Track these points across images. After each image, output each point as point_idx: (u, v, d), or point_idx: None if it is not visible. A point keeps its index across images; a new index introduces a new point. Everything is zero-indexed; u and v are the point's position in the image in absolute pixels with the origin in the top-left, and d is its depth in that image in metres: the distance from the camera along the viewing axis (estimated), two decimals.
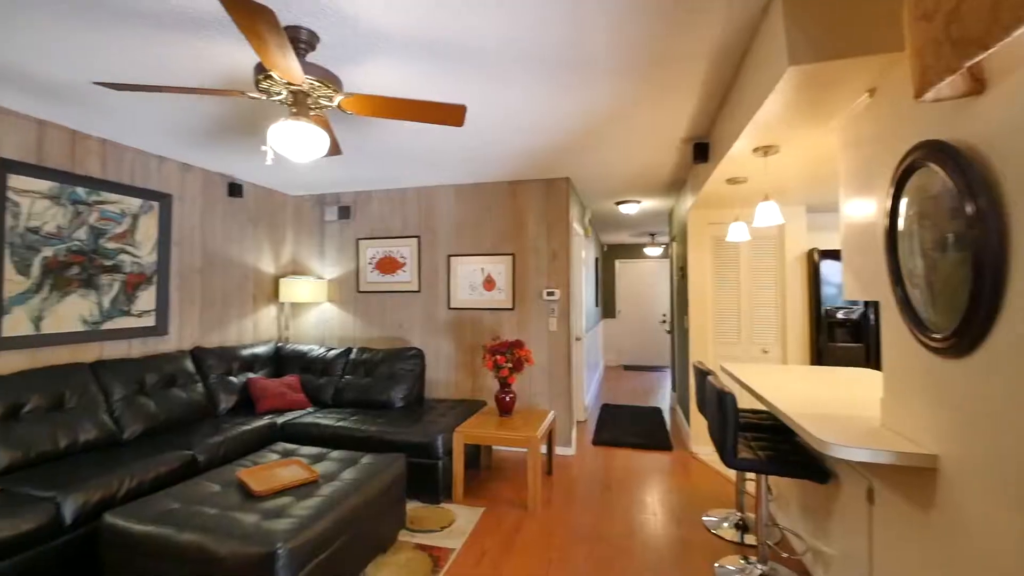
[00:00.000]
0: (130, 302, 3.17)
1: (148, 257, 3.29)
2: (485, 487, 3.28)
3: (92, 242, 2.96)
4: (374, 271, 4.38)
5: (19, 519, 1.89)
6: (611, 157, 3.43)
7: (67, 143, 2.86)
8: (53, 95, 2.40)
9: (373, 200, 4.43)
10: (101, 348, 3.02)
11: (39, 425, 2.43)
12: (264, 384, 3.57)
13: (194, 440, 2.79)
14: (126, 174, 3.18)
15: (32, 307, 2.66)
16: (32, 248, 2.67)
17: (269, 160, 1.97)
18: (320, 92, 1.89)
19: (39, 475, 2.24)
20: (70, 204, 2.84)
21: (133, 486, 2.30)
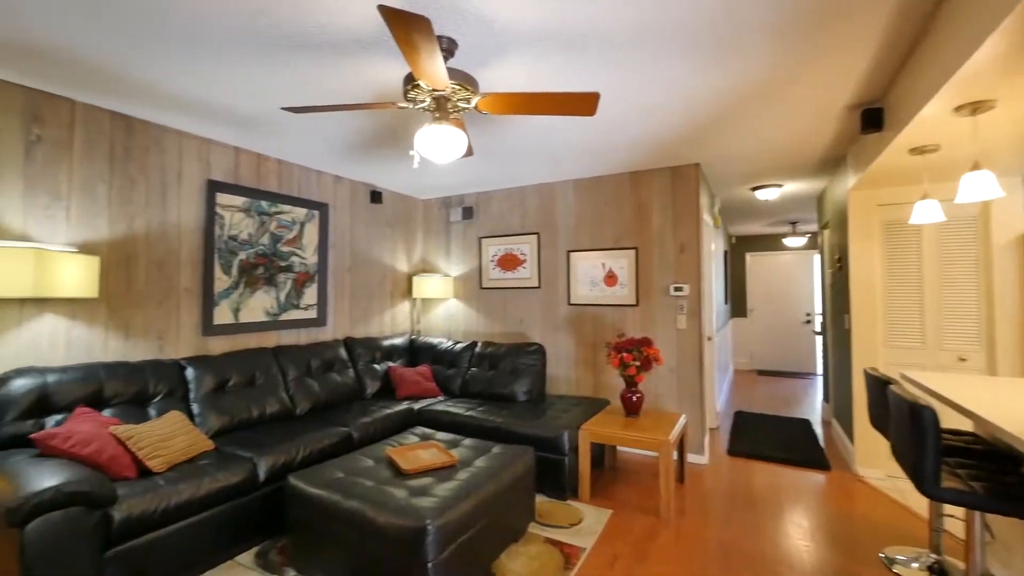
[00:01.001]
0: (299, 297, 3.70)
1: (311, 258, 3.81)
2: (611, 488, 3.19)
3: (272, 247, 3.51)
4: (495, 268, 4.53)
5: (230, 472, 2.31)
6: (750, 137, 3.10)
7: (254, 165, 3.43)
8: (244, 125, 2.89)
9: (493, 200, 4.60)
10: (279, 336, 3.57)
11: (238, 397, 2.95)
12: (402, 372, 3.90)
13: (348, 419, 3.16)
14: (295, 188, 3.72)
15: (232, 300, 3.25)
16: (232, 252, 3.25)
17: (416, 163, 2.14)
18: (459, 95, 1.99)
19: (239, 438, 2.72)
20: (257, 215, 3.41)
21: (306, 454, 2.67)
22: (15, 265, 2.01)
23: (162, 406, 2.61)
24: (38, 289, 2.05)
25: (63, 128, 2.51)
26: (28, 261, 2.03)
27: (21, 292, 2.02)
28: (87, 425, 2.14)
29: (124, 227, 2.74)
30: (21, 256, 2.02)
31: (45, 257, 2.09)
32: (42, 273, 2.07)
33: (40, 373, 2.25)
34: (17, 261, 2.01)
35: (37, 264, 2.05)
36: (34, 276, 2.04)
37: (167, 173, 2.94)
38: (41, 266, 2.07)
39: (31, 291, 2.03)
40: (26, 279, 2.02)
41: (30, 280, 2.02)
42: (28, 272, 2.02)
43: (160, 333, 2.88)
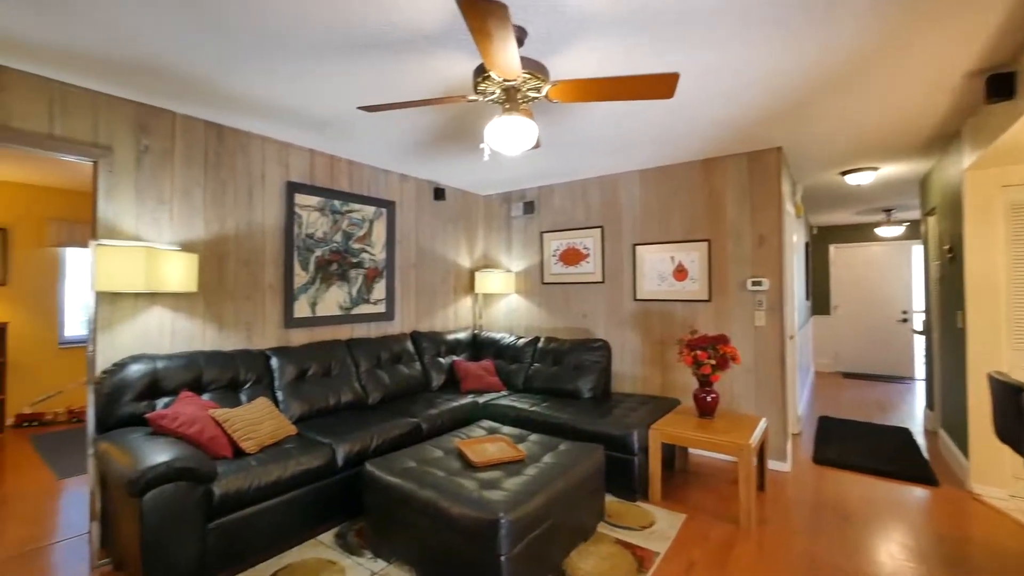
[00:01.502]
0: (369, 292, 3.85)
1: (380, 255, 3.95)
2: (683, 492, 3.05)
3: (344, 244, 3.67)
4: (558, 263, 4.47)
5: (312, 456, 2.44)
6: (843, 115, 2.81)
7: (327, 166, 3.61)
8: (319, 128, 3.03)
9: (555, 193, 4.53)
10: (351, 329, 3.74)
11: (317, 386, 3.12)
12: (466, 367, 3.96)
13: (417, 410, 3.24)
14: (364, 187, 3.87)
15: (310, 295, 3.44)
16: (309, 250, 3.44)
17: (486, 156, 2.13)
18: (530, 84, 1.95)
19: (318, 425, 2.87)
20: (330, 214, 3.58)
21: (380, 443, 2.77)
22: (131, 263, 2.23)
23: (251, 392, 2.82)
24: (149, 284, 2.27)
25: (166, 138, 2.76)
26: (141, 259, 2.24)
27: (135, 287, 2.24)
28: (191, 408, 2.35)
29: (217, 227, 2.97)
30: (135, 254, 2.24)
31: (155, 255, 2.31)
32: (152, 270, 2.29)
33: (151, 360, 2.50)
34: (132, 259, 2.23)
35: (148, 261, 2.26)
36: (146, 272, 2.25)
37: (252, 176, 3.15)
38: (151, 263, 2.28)
39: (143, 286, 2.25)
40: (139, 275, 2.24)
41: (143, 276, 2.24)
42: (141, 269, 2.24)
43: (248, 325, 3.11)
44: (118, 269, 2.22)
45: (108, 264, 2.22)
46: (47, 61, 2.18)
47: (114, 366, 2.43)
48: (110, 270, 2.21)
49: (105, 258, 2.22)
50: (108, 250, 2.23)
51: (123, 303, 2.57)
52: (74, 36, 1.96)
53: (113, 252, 2.23)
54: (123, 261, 2.23)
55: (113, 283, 2.23)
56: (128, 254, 2.24)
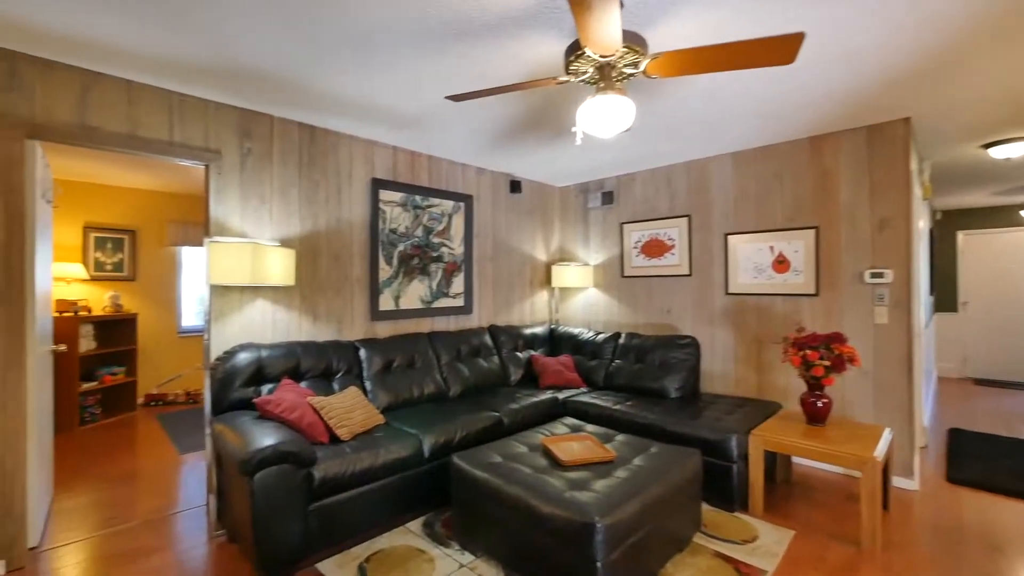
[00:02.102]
0: (448, 286, 3.89)
1: (458, 249, 3.97)
2: (788, 505, 2.76)
3: (425, 238, 3.73)
4: (639, 255, 4.25)
5: (400, 446, 2.48)
6: (999, 73, 2.36)
7: (408, 162, 3.67)
8: (402, 124, 3.08)
9: (636, 182, 4.30)
10: (432, 322, 3.80)
11: (402, 377, 3.19)
12: (544, 362, 3.88)
13: (497, 404, 3.21)
14: (443, 181, 3.90)
15: (393, 289, 3.53)
16: (392, 244, 3.53)
17: (578, 140, 2.02)
18: (627, 60, 1.81)
19: (403, 415, 2.93)
20: (412, 209, 3.65)
21: (464, 435, 2.77)
22: (239, 258, 2.38)
23: (343, 381, 2.93)
24: (254, 278, 2.41)
25: (265, 141, 2.93)
26: (247, 254, 2.39)
27: (242, 280, 2.39)
28: (291, 394, 2.48)
29: (310, 224, 3.13)
30: (242, 250, 2.39)
31: (259, 250, 2.45)
32: (257, 265, 2.43)
33: (256, 348, 2.67)
34: (240, 254, 2.38)
35: (254, 256, 2.41)
36: (251, 267, 2.39)
37: (341, 175, 3.28)
38: (256, 258, 2.42)
39: (249, 279, 2.40)
40: (246, 270, 2.38)
41: (249, 270, 2.38)
42: (247, 263, 2.38)
43: (339, 317, 3.25)
44: (228, 264, 2.38)
45: (220, 259, 2.39)
46: (167, 74, 2.38)
47: (225, 354, 2.62)
48: (222, 265, 2.38)
49: (217, 254, 2.39)
50: (220, 247, 2.39)
51: (231, 296, 2.77)
52: (189, 49, 2.12)
53: (224, 248, 2.39)
54: (232, 256, 2.39)
55: (224, 277, 2.39)
56: (236, 250, 2.40)
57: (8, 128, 2.16)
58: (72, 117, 2.31)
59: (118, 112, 2.43)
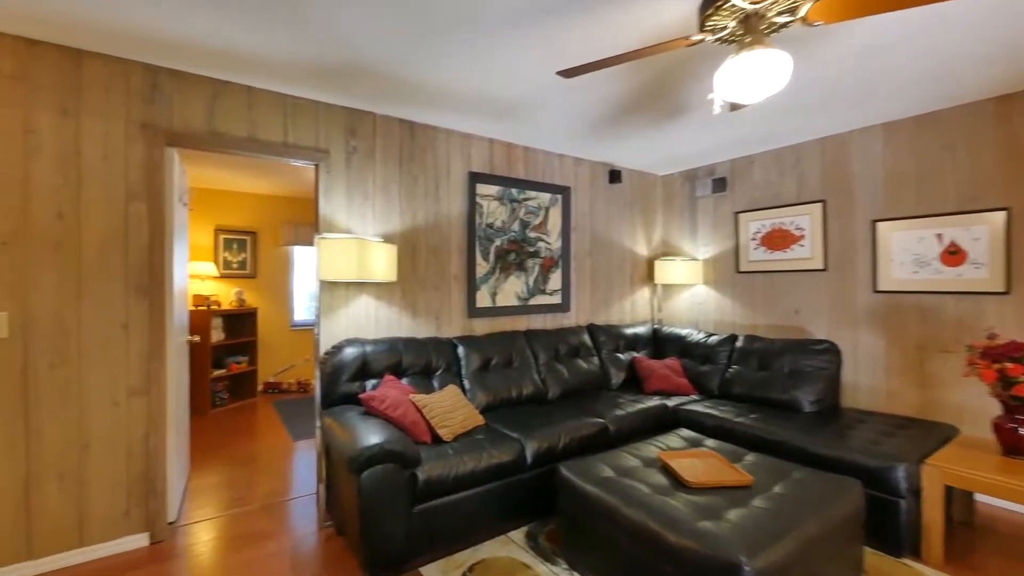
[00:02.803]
0: (545, 282, 3.72)
1: (555, 243, 3.78)
2: (974, 554, 2.20)
3: (521, 233, 3.59)
4: (758, 247, 3.75)
5: (502, 451, 2.35)
6: None
7: (505, 154, 3.55)
8: (500, 114, 2.94)
9: (755, 165, 3.80)
10: (528, 320, 3.65)
11: (500, 377, 3.07)
12: (649, 365, 3.55)
13: (601, 409, 2.97)
14: (539, 173, 3.73)
15: (490, 285, 3.42)
16: (489, 240, 3.42)
17: (717, 109, 1.73)
18: (781, 6, 1.48)
19: (502, 416, 2.80)
20: (508, 203, 3.52)
21: (567, 442, 2.57)
22: (346, 253, 2.38)
23: (442, 379, 2.87)
24: (360, 273, 2.41)
25: (369, 138, 2.96)
26: (354, 250, 2.39)
27: (349, 276, 2.39)
28: (394, 391, 2.45)
29: (410, 219, 3.11)
30: (350, 246, 2.40)
31: (364, 246, 2.44)
32: (363, 260, 2.42)
33: (361, 344, 2.69)
34: (347, 250, 2.39)
35: (360, 252, 2.40)
36: (358, 262, 2.39)
37: (439, 169, 3.24)
38: (362, 254, 2.42)
39: (355, 275, 2.39)
40: (352, 265, 2.38)
41: (355, 266, 2.38)
42: (354, 259, 2.38)
43: (437, 313, 3.21)
44: (336, 260, 2.40)
45: (329, 255, 2.41)
46: (282, 77, 2.46)
47: (333, 348, 2.67)
48: (331, 261, 2.40)
49: (326, 250, 2.42)
50: (328, 243, 2.42)
51: (338, 292, 2.82)
52: (303, 48, 2.14)
53: (332, 244, 2.41)
54: (340, 252, 2.40)
55: (332, 272, 2.42)
56: (343, 246, 2.41)
57: (151, 137, 2.35)
58: (202, 125, 2.46)
59: (240, 117, 2.56)
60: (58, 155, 2.16)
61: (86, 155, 2.22)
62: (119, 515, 2.28)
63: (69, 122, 2.19)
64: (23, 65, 2.10)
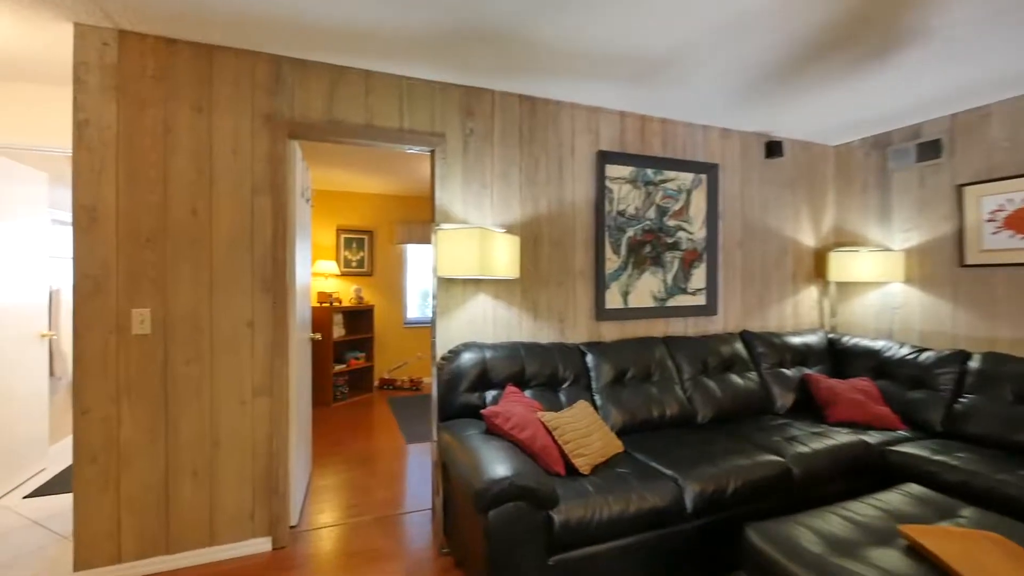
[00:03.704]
0: (686, 280, 3.11)
1: (698, 233, 3.15)
2: None
3: (658, 221, 3.03)
4: (998, 231, 2.73)
5: (654, 492, 1.85)
6: None
7: (638, 129, 3.01)
8: (637, 77, 2.42)
9: (991, 119, 2.78)
10: (666, 324, 3.08)
11: (637, 393, 2.56)
12: (832, 386, 2.76)
13: (771, 442, 2.31)
14: (679, 149, 3.13)
15: (621, 283, 2.92)
16: (620, 229, 2.92)
17: None
18: None
19: (646, 444, 2.29)
20: (643, 186, 2.98)
21: (738, 486, 1.98)
22: (467, 244, 2.07)
23: (570, 393, 2.45)
24: (482, 268, 2.08)
25: (487, 119, 2.64)
26: (475, 241, 2.07)
27: (470, 271, 2.08)
28: (520, 407, 2.08)
29: (531, 208, 2.74)
30: (470, 236, 2.08)
31: (487, 237, 2.11)
32: (485, 253, 2.09)
33: (480, 348, 2.38)
34: (468, 241, 2.07)
35: (481, 243, 2.07)
36: (479, 255, 2.06)
37: (563, 149, 2.82)
38: (484, 245, 2.09)
39: (477, 270, 2.07)
40: (474, 259, 2.06)
41: (476, 260, 2.06)
42: (475, 252, 2.06)
43: (560, 315, 2.80)
44: (456, 252, 2.10)
45: (448, 247, 2.12)
46: (398, 55, 2.22)
47: (450, 353, 2.39)
48: (450, 254, 2.11)
49: (445, 242, 2.13)
50: (448, 234, 2.13)
51: (455, 290, 2.55)
52: (419, 16, 1.85)
53: (452, 236, 2.12)
54: (460, 243, 2.10)
55: (451, 267, 2.12)
56: (464, 237, 2.10)
57: (275, 129, 2.26)
58: (322, 114, 2.33)
59: (357, 104, 2.40)
60: (193, 151, 2.15)
61: (217, 150, 2.19)
62: (245, 516, 2.22)
63: (202, 118, 2.17)
64: (163, 65, 2.11)
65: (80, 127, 2.01)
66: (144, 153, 2.08)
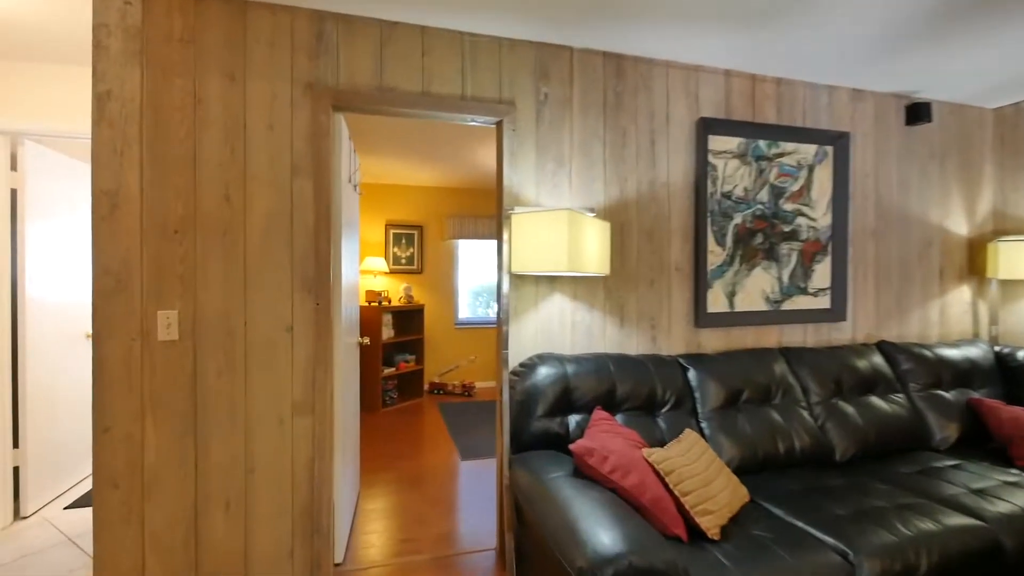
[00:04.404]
0: (806, 277, 2.52)
1: (822, 219, 2.54)
2: None
3: (772, 204, 2.45)
4: None
5: (811, 569, 1.33)
6: None
7: (747, 90, 2.45)
8: (747, 23, 1.87)
9: None
10: (780, 332, 2.50)
11: (754, 420, 2.02)
12: (1016, 416, 2.10)
13: (958, 496, 1.71)
14: (798, 115, 2.54)
15: (726, 281, 2.38)
16: (726, 215, 2.38)
17: None
18: None
19: (775, 491, 1.76)
20: (753, 161, 2.42)
21: (930, 564, 1.42)
22: (551, 232, 1.62)
23: (671, 418, 1.96)
24: (572, 262, 1.62)
25: (564, 83, 2.18)
26: (563, 227, 1.61)
27: (555, 265, 1.62)
28: (617, 442, 1.61)
29: (616, 190, 2.26)
30: (558, 221, 1.62)
31: (578, 222, 1.65)
32: (575, 243, 1.63)
33: (559, 362, 1.93)
34: (554, 228, 1.62)
35: (571, 230, 1.61)
36: (568, 247, 1.60)
37: (655, 118, 2.31)
38: (575, 233, 1.63)
39: (564, 264, 1.61)
40: (560, 250, 1.60)
41: (564, 251, 1.60)
42: (562, 241, 1.60)
43: (651, 321, 2.30)
44: (536, 242, 1.65)
45: (525, 237, 1.68)
46: (457, 6, 1.80)
47: (522, 367, 1.96)
48: (528, 244, 1.67)
49: (522, 229, 1.69)
50: (525, 218, 1.69)
51: (526, 288, 2.11)
52: None
53: (531, 221, 1.68)
54: (542, 231, 1.65)
55: (530, 261, 1.68)
56: (548, 221, 1.65)
57: (317, 99, 1.90)
58: (370, 79, 1.96)
59: (412, 66, 2.00)
60: (225, 126, 1.82)
61: (252, 125, 1.85)
62: (284, 555, 1.89)
63: (236, 88, 1.84)
64: (191, 26, 1.80)
65: (100, 100, 1.73)
66: (172, 129, 1.78)
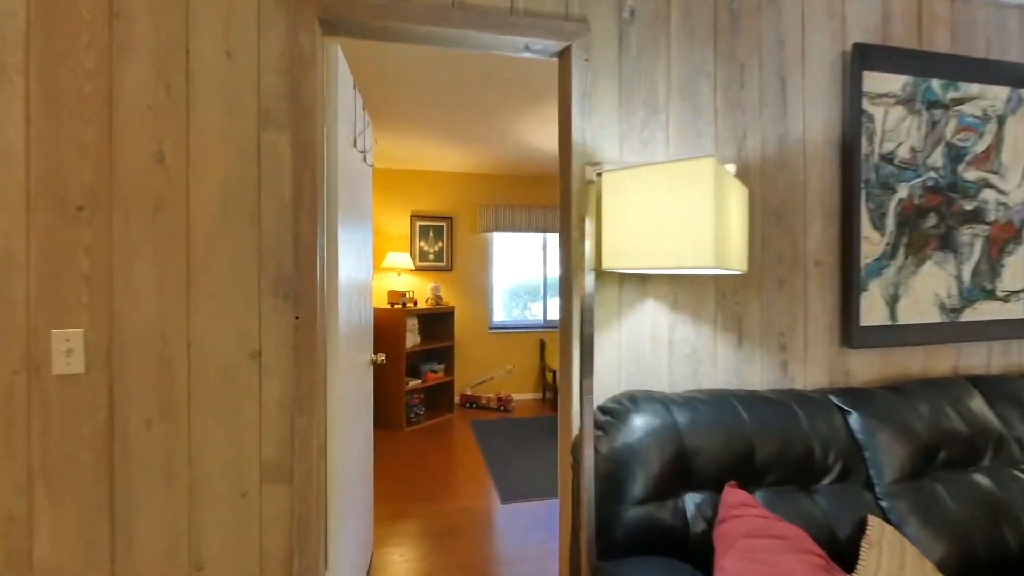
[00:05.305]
0: (993, 275, 1.76)
1: (1016, 193, 1.78)
2: None
3: (948, 171, 1.71)
4: None
5: None
6: None
7: (911, 9, 1.71)
8: None
9: None
10: (957, 354, 1.75)
11: (960, 493, 1.30)
12: None
13: None
14: (982, 44, 1.78)
15: (886, 281, 1.65)
16: (886, 187, 1.64)
17: None
18: None
19: None
20: (924, 109, 1.68)
21: None
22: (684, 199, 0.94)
23: (835, 497, 1.26)
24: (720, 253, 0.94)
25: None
26: (707, 188, 0.92)
27: (694, 259, 0.94)
28: (784, 553, 0.93)
29: (731, 150, 1.56)
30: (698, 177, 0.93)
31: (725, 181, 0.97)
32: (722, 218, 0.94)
33: (662, 406, 1.25)
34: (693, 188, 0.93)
35: (718, 194, 0.92)
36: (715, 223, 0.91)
37: (786, 48, 1.60)
38: (720, 201, 0.94)
39: (710, 256, 0.92)
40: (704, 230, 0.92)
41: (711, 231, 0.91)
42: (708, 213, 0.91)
43: (781, 339, 1.59)
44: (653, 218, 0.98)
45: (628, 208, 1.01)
46: None
47: (604, 414, 1.29)
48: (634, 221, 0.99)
49: (631, 192, 1.02)
50: (634, 175, 1.02)
51: (606, 292, 1.45)
52: None
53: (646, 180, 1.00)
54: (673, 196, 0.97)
55: (639, 250, 1.01)
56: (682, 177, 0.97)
57: (297, 9, 1.27)
58: None
59: None
60: (157, 52, 1.22)
61: (198, 50, 1.24)
62: None
63: None
64: None
65: None
66: (75, 56, 1.18)
